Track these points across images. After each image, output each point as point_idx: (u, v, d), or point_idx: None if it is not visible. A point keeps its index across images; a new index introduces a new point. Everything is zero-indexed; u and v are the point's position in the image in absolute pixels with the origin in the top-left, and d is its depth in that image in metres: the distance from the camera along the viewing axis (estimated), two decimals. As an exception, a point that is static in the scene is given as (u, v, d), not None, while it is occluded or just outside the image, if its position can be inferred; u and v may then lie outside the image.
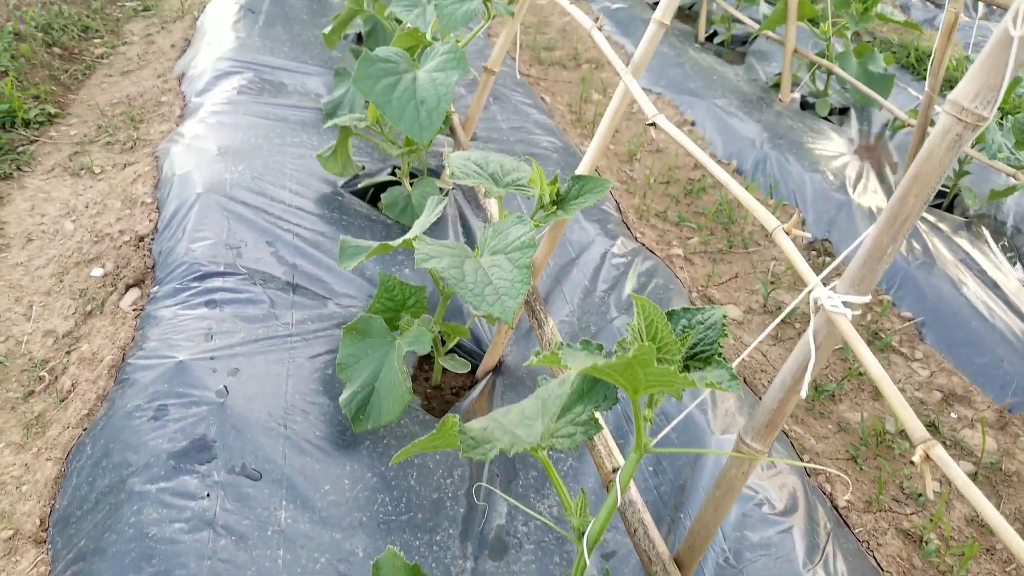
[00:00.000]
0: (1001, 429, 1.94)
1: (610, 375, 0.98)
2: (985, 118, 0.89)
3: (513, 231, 1.55)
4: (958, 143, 0.90)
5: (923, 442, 0.86)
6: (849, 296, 0.99)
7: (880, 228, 0.97)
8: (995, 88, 0.87)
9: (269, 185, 2.29)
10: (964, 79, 0.89)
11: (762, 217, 1.16)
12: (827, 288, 1.01)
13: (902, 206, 0.94)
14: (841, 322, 0.98)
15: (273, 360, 1.71)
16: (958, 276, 2.37)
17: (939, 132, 0.91)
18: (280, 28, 3.49)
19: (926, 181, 0.92)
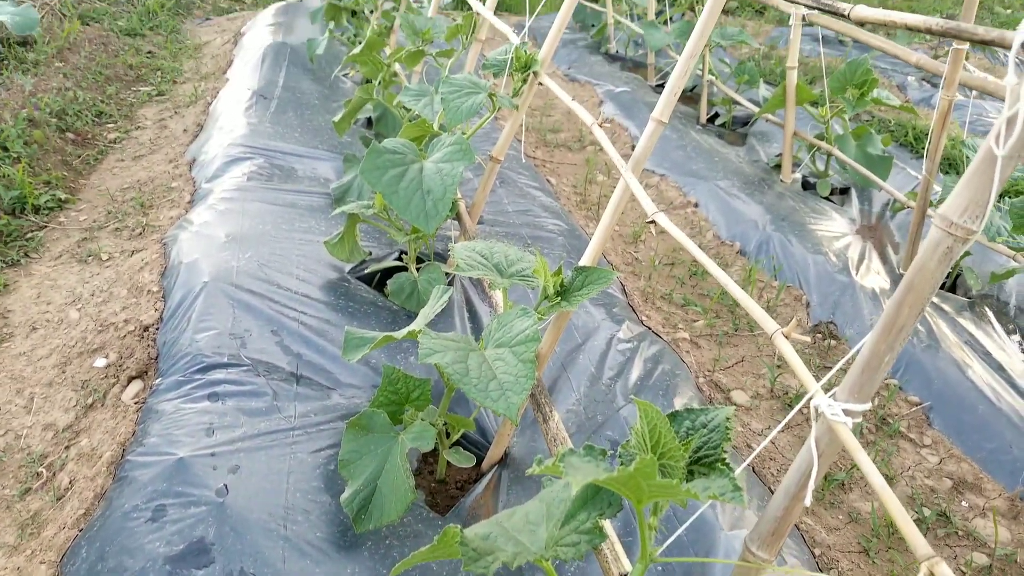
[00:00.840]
0: (1014, 518, 1.89)
1: (614, 486, 0.98)
2: (974, 231, 0.91)
3: (517, 324, 1.56)
4: (949, 255, 0.92)
5: (927, 559, 0.84)
6: (849, 404, 0.99)
7: (877, 337, 0.97)
8: (983, 204, 0.89)
9: (276, 272, 2.31)
10: (952, 194, 0.91)
11: (760, 320, 1.16)
12: (827, 396, 1.01)
13: (897, 316, 0.95)
14: (841, 431, 0.97)
15: (275, 456, 1.70)
16: (963, 358, 2.35)
17: (930, 245, 0.92)
18: (292, 114, 3.59)
19: (920, 292, 0.93)
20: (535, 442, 1.90)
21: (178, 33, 5.46)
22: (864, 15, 1.10)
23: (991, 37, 0.88)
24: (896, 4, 7.91)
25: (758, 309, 1.17)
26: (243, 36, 4.93)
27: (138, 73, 4.57)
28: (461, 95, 2.17)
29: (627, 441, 1.14)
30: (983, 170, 0.87)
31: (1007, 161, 0.86)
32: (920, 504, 1.93)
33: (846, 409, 0.98)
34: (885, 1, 8.00)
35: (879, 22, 1.11)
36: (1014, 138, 0.82)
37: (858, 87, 3.17)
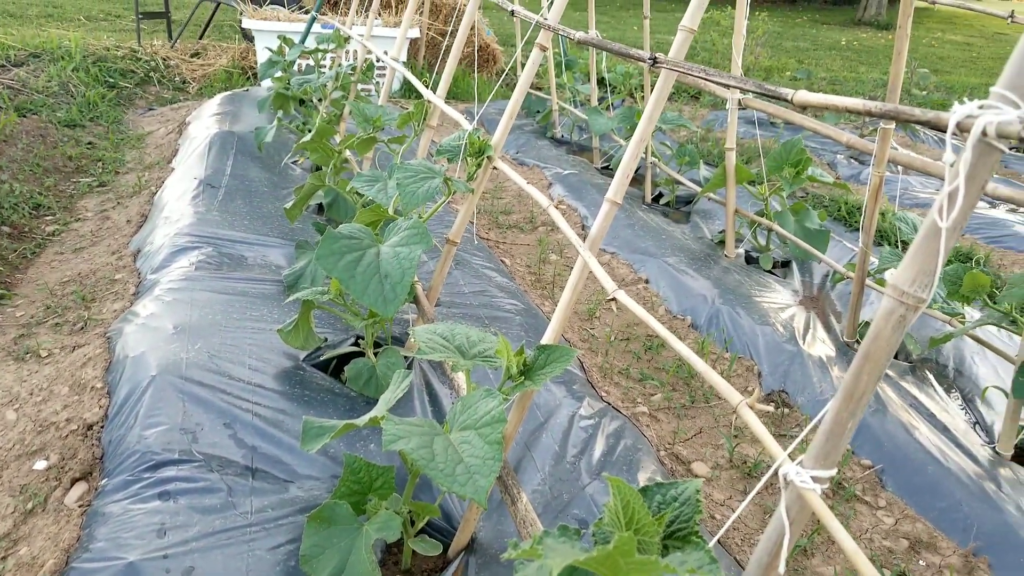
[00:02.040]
0: (968, 575, 1.92)
1: (593, 567, 0.96)
2: (924, 299, 0.96)
3: (482, 405, 1.56)
4: (902, 323, 0.96)
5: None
6: (817, 471, 1.01)
7: (839, 404, 1.00)
8: (931, 272, 0.94)
9: (227, 363, 2.27)
10: (902, 265, 0.97)
11: (725, 392, 1.19)
12: (794, 464, 1.03)
13: (856, 384, 0.98)
14: (811, 497, 0.99)
15: (232, 555, 1.63)
16: (910, 421, 2.42)
17: (884, 314, 0.97)
18: (240, 201, 3.59)
19: (876, 360, 0.97)
20: (502, 525, 1.87)
21: (120, 124, 5.45)
22: (806, 100, 1.18)
23: (927, 118, 0.95)
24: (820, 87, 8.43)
25: (722, 381, 1.20)
26: (188, 126, 4.95)
27: (78, 164, 4.52)
28: (417, 180, 2.21)
29: (600, 519, 1.14)
30: (929, 241, 0.93)
31: (950, 232, 0.92)
32: (880, 566, 1.94)
33: (814, 476, 1.00)
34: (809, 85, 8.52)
35: (821, 106, 1.18)
36: (956, 211, 0.88)
37: (794, 166, 3.34)
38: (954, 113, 0.92)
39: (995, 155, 0.90)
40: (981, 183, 0.92)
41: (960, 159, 0.91)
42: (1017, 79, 0.88)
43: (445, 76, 2.89)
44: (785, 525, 1.03)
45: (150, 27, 8.64)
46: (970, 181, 0.91)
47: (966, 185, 0.90)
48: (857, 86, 8.78)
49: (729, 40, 10.97)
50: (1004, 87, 0.89)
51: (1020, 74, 0.88)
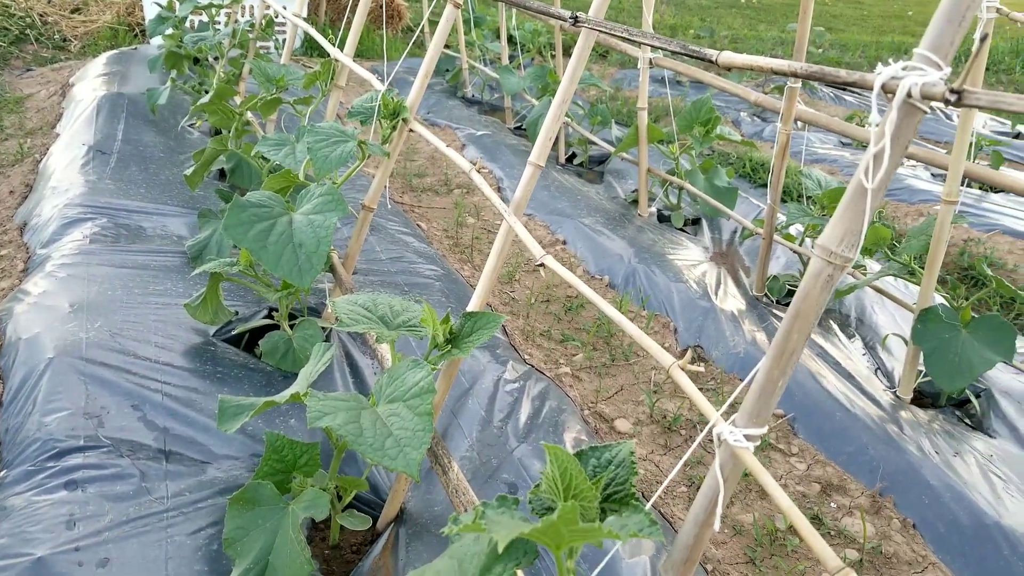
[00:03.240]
0: (876, 513, 2.04)
1: (537, 537, 0.96)
2: (851, 259, 0.98)
3: (410, 376, 1.52)
4: (830, 282, 0.98)
5: (838, 571, 0.88)
6: (749, 429, 1.03)
7: (770, 363, 1.02)
8: (857, 232, 0.96)
9: (132, 341, 2.14)
10: (829, 225, 0.98)
11: (657, 355, 1.19)
12: (727, 423, 1.05)
13: (787, 342, 1.00)
14: (744, 455, 1.01)
15: (149, 542, 1.55)
16: (818, 370, 2.54)
17: (813, 273, 0.99)
18: (135, 168, 3.37)
19: (806, 318, 0.99)
20: (431, 494, 1.85)
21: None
22: (731, 60, 1.17)
23: (853, 79, 0.96)
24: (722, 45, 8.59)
25: (653, 344, 1.21)
26: (72, 87, 4.60)
27: (-50, 131, 4.14)
28: (329, 144, 2.12)
29: (537, 486, 1.13)
30: (855, 202, 0.95)
31: (875, 193, 0.94)
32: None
33: (747, 434, 1.02)
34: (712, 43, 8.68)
35: (746, 66, 1.18)
36: (881, 172, 0.90)
37: (703, 125, 3.39)
38: (879, 75, 0.93)
39: (918, 116, 0.92)
40: (905, 143, 0.94)
41: (886, 120, 0.92)
42: (939, 40, 0.90)
43: (353, 32, 2.77)
44: (720, 483, 1.05)
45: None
46: (895, 142, 0.92)
47: (892, 146, 0.92)
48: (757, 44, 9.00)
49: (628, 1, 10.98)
50: (927, 48, 0.90)
51: (942, 35, 0.90)
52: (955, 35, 0.90)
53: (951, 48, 0.90)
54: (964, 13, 0.90)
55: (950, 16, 0.90)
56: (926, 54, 0.90)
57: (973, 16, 0.91)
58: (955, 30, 0.90)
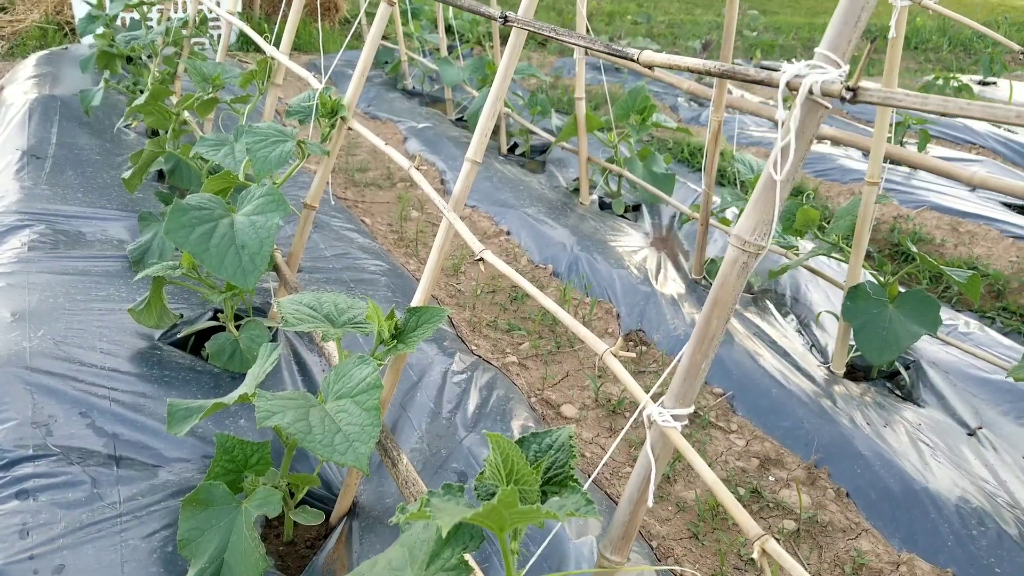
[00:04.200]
0: (811, 484, 2.16)
1: (479, 521, 1.01)
2: (764, 247, 1.05)
3: (357, 372, 1.55)
4: (746, 269, 1.05)
5: (758, 538, 0.96)
6: (676, 410, 1.10)
7: (693, 348, 1.09)
8: (768, 222, 1.03)
9: (76, 348, 2.13)
10: (743, 216, 1.05)
11: (590, 341, 1.26)
12: (656, 405, 1.12)
13: (708, 327, 1.07)
14: (672, 434, 1.08)
15: (104, 547, 1.56)
16: (755, 349, 2.65)
17: (729, 262, 1.06)
18: (71, 173, 3.31)
19: (724, 304, 1.06)
20: (382, 487, 1.89)
21: (-84, 89, 4.83)
22: (651, 60, 1.24)
23: (761, 78, 1.03)
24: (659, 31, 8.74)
25: (587, 332, 1.27)
26: (2, 91, 4.46)
27: None
28: (268, 144, 2.13)
29: (481, 473, 1.18)
30: (766, 193, 1.02)
31: (784, 184, 1.01)
32: (735, 484, 2.14)
33: (674, 415, 1.09)
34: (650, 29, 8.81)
35: (665, 65, 1.25)
36: (788, 164, 0.97)
37: (639, 113, 3.47)
38: (784, 73, 1.00)
39: (821, 111, 1.00)
40: (810, 137, 1.02)
41: (791, 116, 1.00)
42: (837, 40, 0.97)
43: (288, 28, 2.77)
44: (651, 461, 1.11)
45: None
46: (800, 136, 1.00)
47: (797, 140, 0.99)
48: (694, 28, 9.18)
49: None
50: (826, 48, 0.98)
51: (840, 35, 0.97)
52: (851, 35, 0.97)
53: (848, 47, 0.98)
54: (859, 14, 0.97)
55: (846, 18, 0.97)
56: (826, 53, 0.97)
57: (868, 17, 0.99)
58: (851, 31, 0.97)
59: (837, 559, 1.95)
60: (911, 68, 9.93)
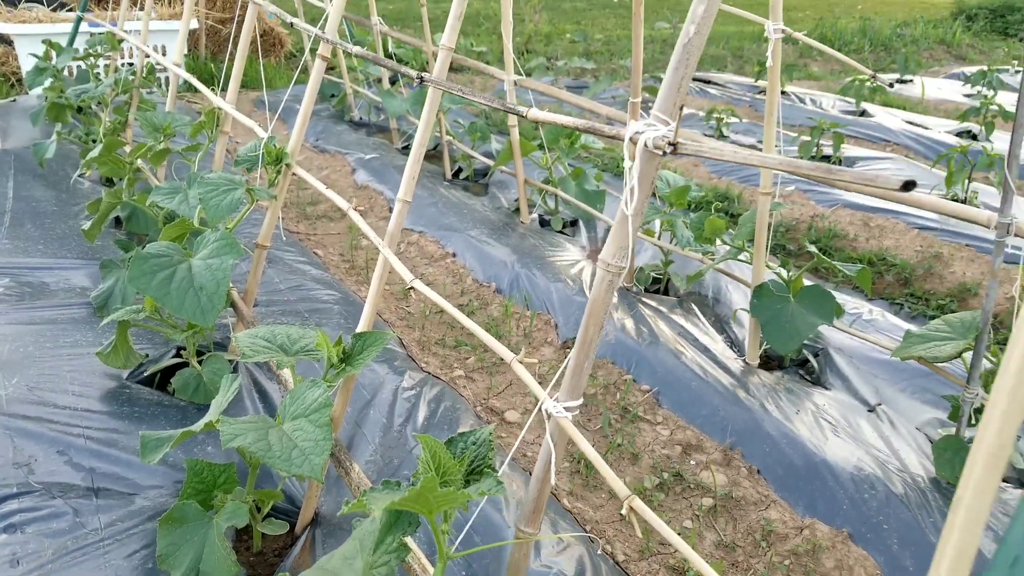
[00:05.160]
0: (727, 465, 2.42)
1: (407, 505, 1.24)
2: (624, 267, 1.30)
3: (309, 395, 1.77)
4: (612, 286, 1.30)
5: (627, 497, 1.20)
6: (568, 403, 1.34)
7: (577, 351, 1.34)
8: (625, 247, 1.28)
9: (50, 392, 2.30)
10: (607, 243, 1.30)
11: (500, 352, 1.50)
12: (552, 400, 1.36)
13: (586, 334, 1.32)
14: (564, 423, 1.32)
15: (89, 568, 1.75)
16: (678, 348, 2.91)
17: (599, 281, 1.30)
18: (30, 226, 3.46)
19: (597, 314, 1.31)
20: (341, 497, 2.10)
21: None
22: (536, 116, 1.49)
23: (613, 133, 1.28)
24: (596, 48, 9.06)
25: (497, 343, 1.50)
26: (-48, 147, 4.57)
27: None
28: (219, 193, 2.33)
29: (416, 471, 1.41)
30: (621, 225, 1.27)
31: (634, 217, 1.26)
32: (661, 470, 2.39)
33: (566, 407, 1.33)
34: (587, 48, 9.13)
35: (545, 121, 1.50)
36: (635, 202, 1.22)
37: (567, 137, 3.74)
38: (628, 129, 1.26)
39: (657, 159, 1.25)
40: (651, 179, 1.27)
41: (634, 165, 1.25)
42: (666, 104, 1.23)
43: (235, 75, 2.96)
44: (551, 447, 1.35)
45: None
46: (642, 180, 1.25)
47: (640, 184, 1.24)
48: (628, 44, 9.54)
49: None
50: (658, 110, 1.23)
51: (667, 100, 1.23)
52: (677, 100, 1.23)
53: (675, 109, 1.23)
54: (680, 84, 1.23)
55: (671, 88, 1.23)
56: (659, 115, 1.23)
57: (688, 84, 1.25)
58: (676, 95, 1.23)
59: (749, 528, 2.21)
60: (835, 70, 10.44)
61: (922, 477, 2.35)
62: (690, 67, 1.22)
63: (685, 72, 1.22)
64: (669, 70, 1.23)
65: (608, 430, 2.56)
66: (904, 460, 2.44)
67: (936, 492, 2.30)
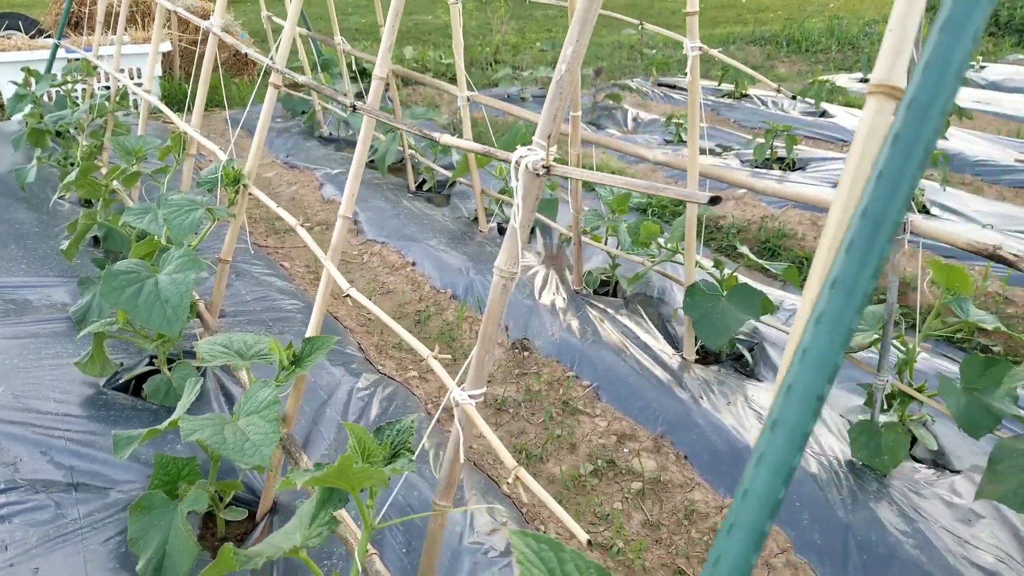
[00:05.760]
0: (657, 452, 2.64)
1: (332, 481, 1.45)
2: (516, 273, 1.53)
3: (261, 394, 1.98)
4: (507, 290, 1.53)
5: (514, 468, 1.42)
6: (472, 391, 1.56)
7: (479, 347, 1.56)
8: (516, 256, 1.50)
9: (33, 400, 2.51)
10: (500, 253, 1.52)
11: (418, 349, 1.72)
12: (460, 389, 1.58)
13: (485, 331, 1.54)
14: (469, 409, 1.54)
15: (69, 552, 1.96)
16: (621, 346, 3.13)
17: (494, 285, 1.53)
18: (13, 246, 3.66)
19: (494, 314, 1.53)
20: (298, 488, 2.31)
21: None
22: (448, 142, 1.71)
23: (504, 157, 1.51)
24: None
25: (417, 343, 1.72)
26: (-64, 172, 4.76)
27: None
28: (181, 213, 2.55)
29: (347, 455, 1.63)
30: (512, 237, 1.49)
31: (521, 229, 1.48)
32: (596, 458, 2.61)
33: (471, 395, 1.55)
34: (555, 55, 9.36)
35: (455, 145, 1.72)
36: (521, 216, 1.44)
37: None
38: (515, 155, 1.48)
39: (540, 180, 1.47)
40: (535, 196, 1.50)
41: (519, 185, 1.47)
42: (544, 131, 1.45)
43: (199, 99, 3.17)
44: (459, 431, 1.57)
45: None
46: (526, 198, 1.47)
47: (523, 202, 1.47)
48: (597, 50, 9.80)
49: (476, 20, 11.49)
50: (538, 136, 1.46)
51: (545, 128, 1.45)
52: (553, 128, 1.45)
53: (553, 136, 1.46)
54: (555, 115, 1.45)
55: (547, 117, 1.45)
56: (538, 140, 1.46)
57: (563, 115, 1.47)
58: (551, 125, 1.45)
59: (674, 508, 2.43)
60: (803, 71, 10.71)
61: (838, 460, 2.57)
62: (564, 100, 1.45)
63: (559, 104, 1.45)
64: (546, 103, 1.45)
65: (549, 423, 2.78)
66: (824, 444, 2.67)
67: (850, 473, 2.52)
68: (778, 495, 0.66)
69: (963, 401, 2.32)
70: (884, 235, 0.64)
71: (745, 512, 0.65)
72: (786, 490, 0.66)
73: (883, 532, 2.24)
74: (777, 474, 0.66)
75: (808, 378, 0.65)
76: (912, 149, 0.63)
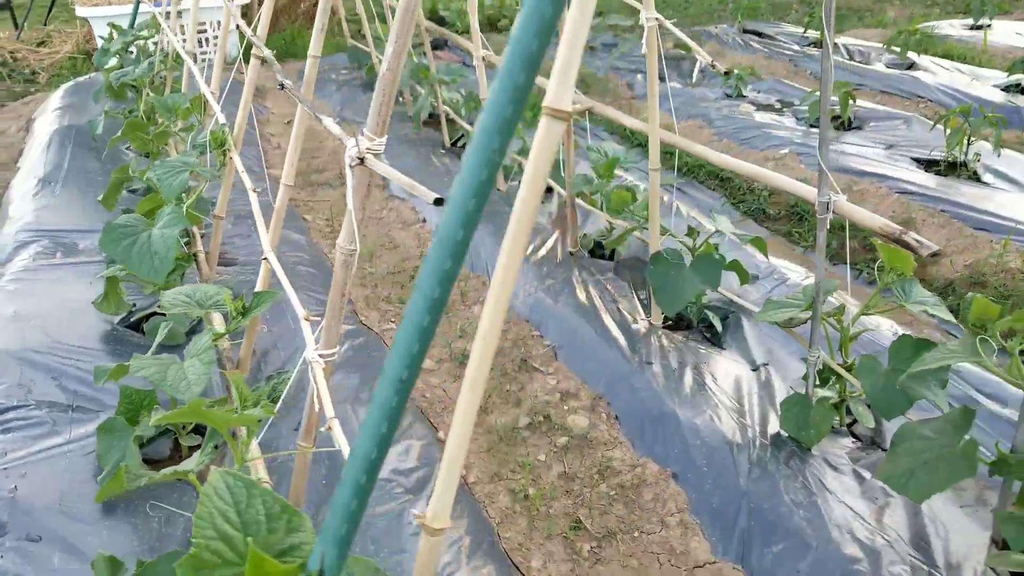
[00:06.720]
0: (592, 411, 2.79)
1: (187, 418, 1.73)
2: (355, 250, 1.72)
3: (200, 340, 2.30)
4: (348, 265, 1.72)
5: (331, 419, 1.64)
6: (323, 351, 1.78)
7: (328, 314, 1.77)
8: (352, 234, 1.70)
9: (57, 332, 2.95)
10: (341, 233, 1.72)
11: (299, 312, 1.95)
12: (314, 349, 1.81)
13: (333, 299, 1.75)
14: (316, 367, 1.77)
15: (55, 463, 2.37)
16: (590, 307, 3.26)
17: (337, 261, 1.73)
18: (76, 194, 4.17)
19: (339, 284, 1.74)
20: (257, 421, 2.64)
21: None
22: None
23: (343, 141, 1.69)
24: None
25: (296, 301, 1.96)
26: (34, 122, 5.40)
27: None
28: (172, 173, 2.88)
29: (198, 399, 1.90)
30: (349, 219, 1.68)
31: (356, 211, 1.67)
32: (536, 413, 2.80)
33: (321, 354, 1.78)
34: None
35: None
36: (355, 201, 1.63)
37: (531, 109, 4.07)
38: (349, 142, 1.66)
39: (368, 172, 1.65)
40: (365, 187, 1.67)
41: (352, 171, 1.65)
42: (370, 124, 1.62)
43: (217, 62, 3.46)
44: (313, 384, 1.81)
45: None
46: (356, 190, 1.66)
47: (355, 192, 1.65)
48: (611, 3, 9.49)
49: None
50: (368, 130, 1.63)
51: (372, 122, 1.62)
52: (378, 122, 1.62)
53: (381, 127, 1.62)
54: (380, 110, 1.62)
55: (375, 112, 1.61)
56: (367, 133, 1.63)
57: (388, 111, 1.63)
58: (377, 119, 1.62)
59: (593, 463, 2.59)
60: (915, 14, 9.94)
61: (764, 430, 2.64)
62: (388, 97, 1.60)
63: (383, 100, 1.60)
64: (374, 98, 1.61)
65: (502, 378, 2.98)
66: (759, 415, 2.73)
67: (771, 445, 2.57)
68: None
69: (880, 382, 2.33)
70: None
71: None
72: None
73: (777, 502, 2.32)
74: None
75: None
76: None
